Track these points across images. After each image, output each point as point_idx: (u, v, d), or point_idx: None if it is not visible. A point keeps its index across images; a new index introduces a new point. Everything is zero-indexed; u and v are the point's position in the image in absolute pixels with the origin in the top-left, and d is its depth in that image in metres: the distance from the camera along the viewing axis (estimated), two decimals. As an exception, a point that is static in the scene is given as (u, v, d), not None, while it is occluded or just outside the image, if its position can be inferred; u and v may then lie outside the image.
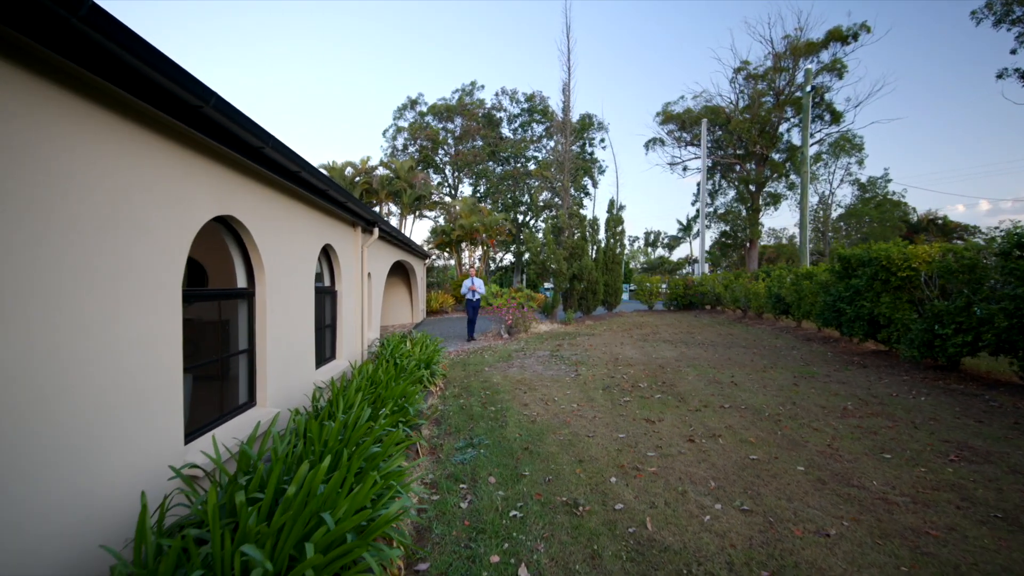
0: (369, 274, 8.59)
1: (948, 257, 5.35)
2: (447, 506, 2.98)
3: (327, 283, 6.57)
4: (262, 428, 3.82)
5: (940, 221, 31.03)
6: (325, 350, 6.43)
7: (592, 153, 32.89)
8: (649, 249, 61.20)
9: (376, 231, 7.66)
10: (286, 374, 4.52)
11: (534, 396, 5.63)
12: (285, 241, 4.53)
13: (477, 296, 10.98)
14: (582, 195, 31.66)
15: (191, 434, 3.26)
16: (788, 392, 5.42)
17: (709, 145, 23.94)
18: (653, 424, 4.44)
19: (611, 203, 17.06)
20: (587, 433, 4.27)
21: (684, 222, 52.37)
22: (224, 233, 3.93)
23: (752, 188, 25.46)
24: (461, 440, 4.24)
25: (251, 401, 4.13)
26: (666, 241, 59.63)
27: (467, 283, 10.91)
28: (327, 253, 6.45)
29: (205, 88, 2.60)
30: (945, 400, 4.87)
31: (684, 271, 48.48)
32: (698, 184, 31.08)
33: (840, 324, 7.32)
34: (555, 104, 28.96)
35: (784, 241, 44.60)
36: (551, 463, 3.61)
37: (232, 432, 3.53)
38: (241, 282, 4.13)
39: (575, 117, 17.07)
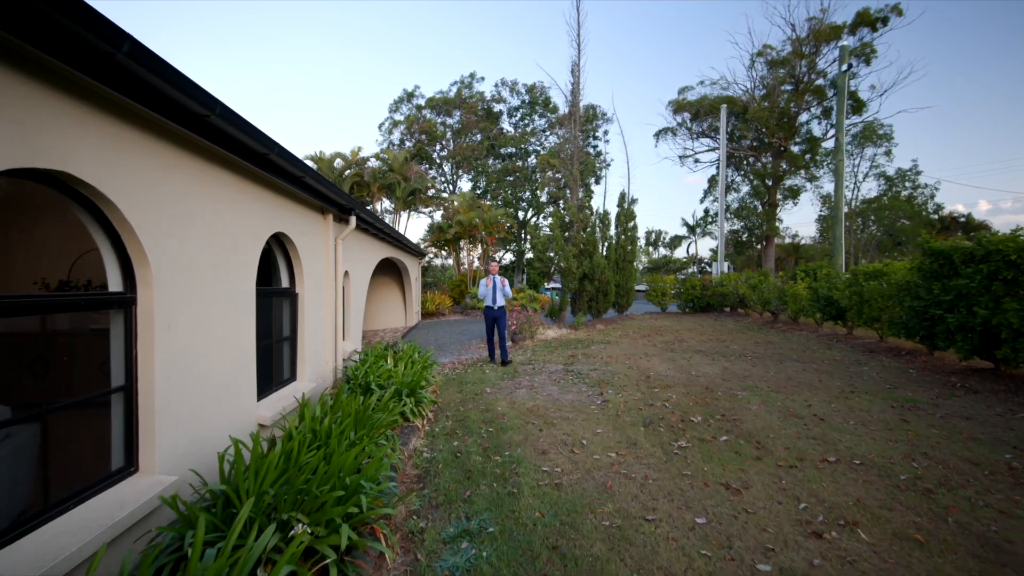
0: (347, 273, 7.14)
1: None
2: None
3: (285, 283, 5.12)
4: (137, 516, 2.39)
5: (963, 219, 29.61)
6: (281, 370, 4.98)
7: (596, 147, 31.40)
8: (651, 249, 59.87)
9: (353, 220, 6.22)
10: (198, 418, 3.07)
11: (553, 437, 4.18)
12: (195, 223, 3.08)
13: (500, 302, 7.60)
14: (585, 192, 30.16)
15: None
16: (901, 433, 3.97)
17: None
18: (739, 495, 2.99)
19: (622, 196, 15.57)
20: (642, 512, 2.82)
21: (690, 221, 50.97)
22: (78, 210, 2.48)
23: (768, 182, 23.98)
24: (452, 522, 2.79)
25: (129, 466, 2.68)
26: (667, 241, 58.26)
27: (485, 284, 7.62)
28: (283, 245, 5.01)
29: None
30: None
31: (690, 271, 47.05)
32: (711, 178, 29.65)
33: (933, 335, 5.87)
34: (563, 85, 27.37)
35: (787, 240, 43.09)
36: (600, 583, 2.17)
37: (80, 527, 2.11)
38: (114, 284, 2.69)
39: (581, 106, 15.58)
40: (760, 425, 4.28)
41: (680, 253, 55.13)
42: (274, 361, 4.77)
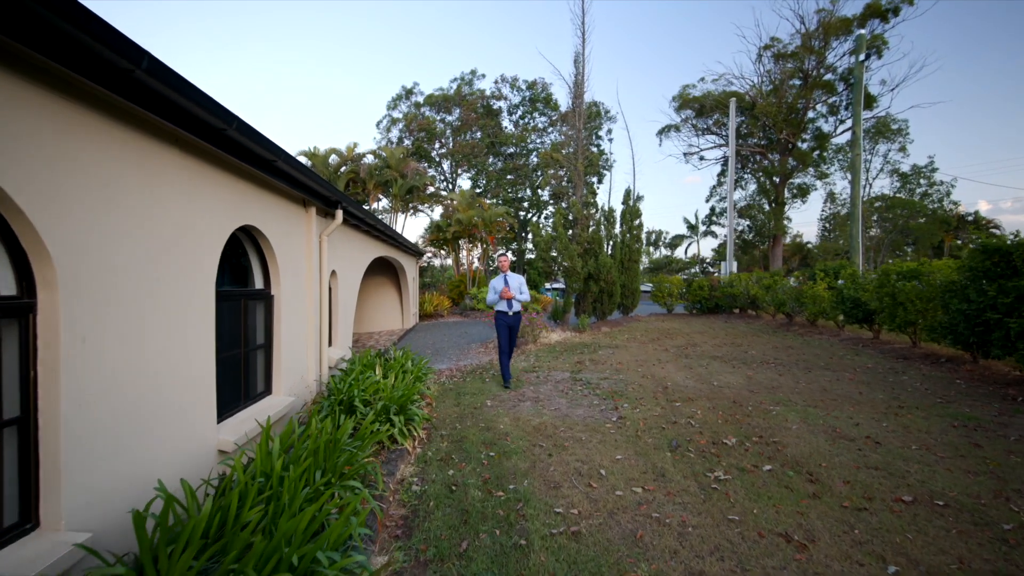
0: (334, 272, 6.54)
1: None
2: None
3: (259, 284, 4.51)
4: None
5: (971, 218, 29.04)
6: (253, 383, 4.37)
7: (599, 146, 30.76)
8: (651, 249, 59.43)
9: (339, 214, 5.61)
10: (128, 453, 2.46)
11: (566, 464, 3.57)
12: (123, 209, 2.47)
13: (516, 307, 6.12)
14: (589, 189, 29.54)
15: None
16: (977, 462, 3.36)
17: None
18: (805, 551, 2.38)
19: (627, 193, 14.98)
20: (687, 576, 2.22)
21: (692, 220, 50.47)
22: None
23: (776, 180, 23.37)
24: (445, 589, 2.19)
25: (26, 522, 2.08)
26: (668, 240, 57.80)
27: (496, 284, 6.13)
28: (255, 240, 4.39)
29: None
30: None
31: (692, 271, 46.50)
32: (719, 173, 29.01)
33: (987, 342, 5.26)
34: (566, 76, 26.65)
35: (789, 239, 42.48)
36: None
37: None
38: (5, 286, 2.08)
39: (584, 100, 14.99)
40: (806, 450, 3.67)
41: (679, 253, 54.61)
42: (244, 373, 4.16)
